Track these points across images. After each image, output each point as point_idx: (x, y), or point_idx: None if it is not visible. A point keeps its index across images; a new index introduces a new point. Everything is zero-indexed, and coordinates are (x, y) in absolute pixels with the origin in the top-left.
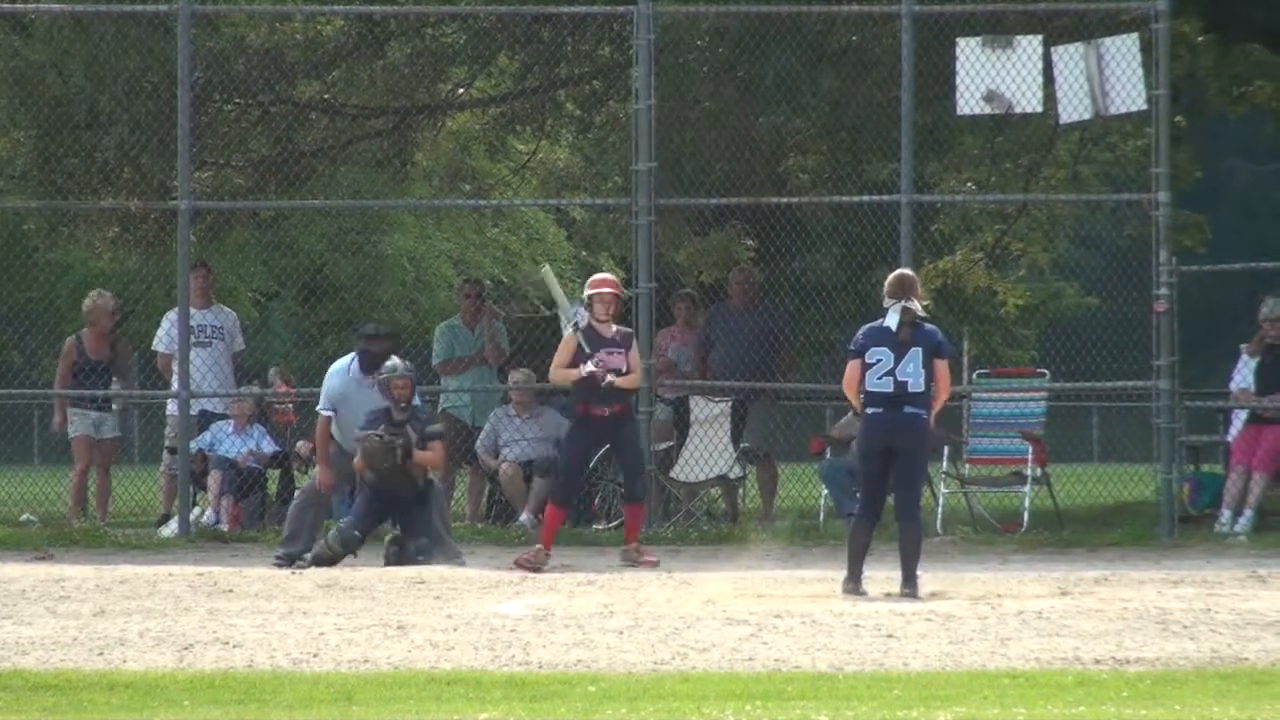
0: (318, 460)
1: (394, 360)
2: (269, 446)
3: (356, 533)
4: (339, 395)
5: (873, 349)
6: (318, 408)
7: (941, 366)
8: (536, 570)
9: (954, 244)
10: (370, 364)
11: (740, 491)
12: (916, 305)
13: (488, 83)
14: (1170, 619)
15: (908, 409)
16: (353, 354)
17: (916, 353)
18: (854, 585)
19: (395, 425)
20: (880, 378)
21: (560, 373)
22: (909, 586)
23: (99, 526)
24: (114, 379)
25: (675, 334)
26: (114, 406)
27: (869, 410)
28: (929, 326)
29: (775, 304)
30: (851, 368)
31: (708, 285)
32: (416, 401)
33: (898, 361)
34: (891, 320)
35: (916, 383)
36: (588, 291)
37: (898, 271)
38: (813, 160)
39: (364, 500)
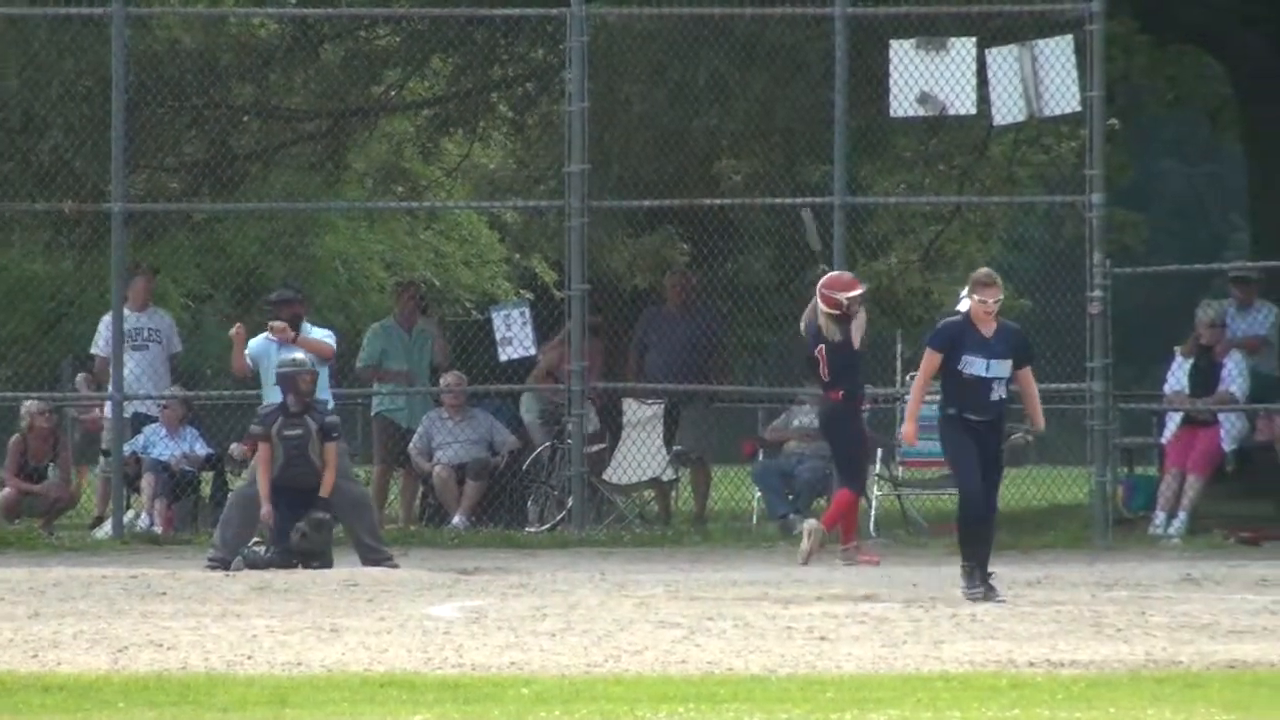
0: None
1: (298, 354)
2: (202, 449)
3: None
4: (257, 355)
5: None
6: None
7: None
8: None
9: (888, 246)
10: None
11: (674, 494)
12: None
13: (421, 84)
14: (1104, 622)
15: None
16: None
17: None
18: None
19: (292, 416)
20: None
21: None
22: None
23: (34, 528)
24: (53, 468)
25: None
26: (50, 474)
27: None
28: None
29: (710, 306)
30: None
31: (641, 289)
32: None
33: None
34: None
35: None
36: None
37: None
38: (746, 162)
39: (278, 521)
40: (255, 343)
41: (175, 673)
